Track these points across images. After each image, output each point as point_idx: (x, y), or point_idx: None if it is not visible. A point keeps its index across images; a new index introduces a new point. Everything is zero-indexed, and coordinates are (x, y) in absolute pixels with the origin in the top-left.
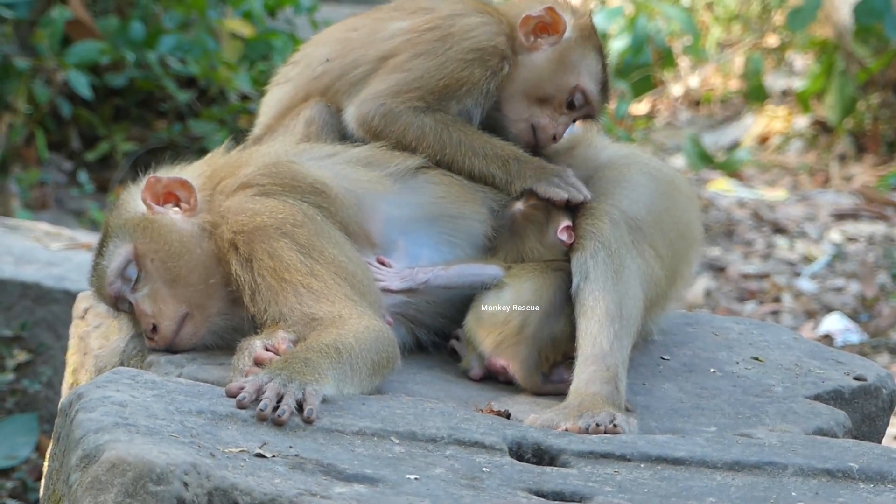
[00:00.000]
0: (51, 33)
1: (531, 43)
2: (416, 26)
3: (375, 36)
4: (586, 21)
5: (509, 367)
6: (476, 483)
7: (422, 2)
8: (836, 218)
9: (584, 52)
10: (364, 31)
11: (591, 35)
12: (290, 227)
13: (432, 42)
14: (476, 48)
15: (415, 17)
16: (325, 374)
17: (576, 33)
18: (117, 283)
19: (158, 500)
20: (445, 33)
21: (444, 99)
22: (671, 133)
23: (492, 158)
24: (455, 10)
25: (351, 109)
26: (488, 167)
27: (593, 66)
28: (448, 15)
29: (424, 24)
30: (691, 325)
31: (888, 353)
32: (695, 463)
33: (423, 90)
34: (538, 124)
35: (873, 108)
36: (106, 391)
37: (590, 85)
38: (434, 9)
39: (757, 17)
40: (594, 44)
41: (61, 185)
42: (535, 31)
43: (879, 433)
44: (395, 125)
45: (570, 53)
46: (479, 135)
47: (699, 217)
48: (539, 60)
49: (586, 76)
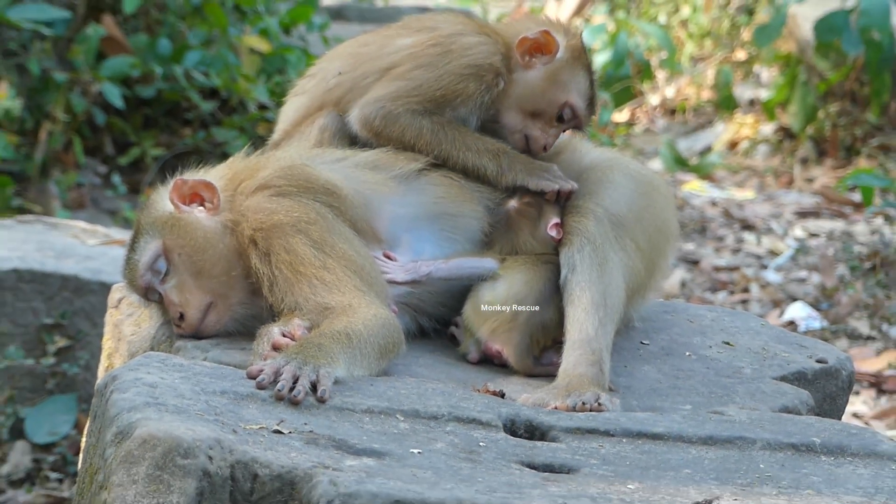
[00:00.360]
0: (86, 49)
1: (526, 62)
2: (419, 42)
3: (383, 51)
4: (577, 42)
5: (503, 351)
6: (473, 456)
7: (427, 21)
8: (799, 216)
9: (573, 71)
10: (373, 46)
11: (581, 55)
12: (305, 224)
13: (433, 56)
14: (473, 64)
15: (419, 35)
16: (336, 357)
17: (567, 54)
18: (148, 275)
19: (186, 472)
20: (446, 49)
21: (439, 106)
22: (649, 139)
23: (484, 153)
24: (456, 30)
25: (355, 111)
26: (481, 160)
27: (582, 84)
28: (449, 34)
29: (427, 41)
30: (668, 313)
31: (846, 339)
32: (672, 438)
33: (421, 97)
34: (531, 135)
35: (832, 116)
36: (138, 373)
37: (578, 101)
38: (437, 28)
39: (727, 33)
40: (584, 63)
41: (97, 187)
42: (531, 52)
43: (839, 411)
44: (394, 126)
45: (561, 73)
46: (472, 133)
47: (675, 215)
48: (533, 78)
49: (575, 93)
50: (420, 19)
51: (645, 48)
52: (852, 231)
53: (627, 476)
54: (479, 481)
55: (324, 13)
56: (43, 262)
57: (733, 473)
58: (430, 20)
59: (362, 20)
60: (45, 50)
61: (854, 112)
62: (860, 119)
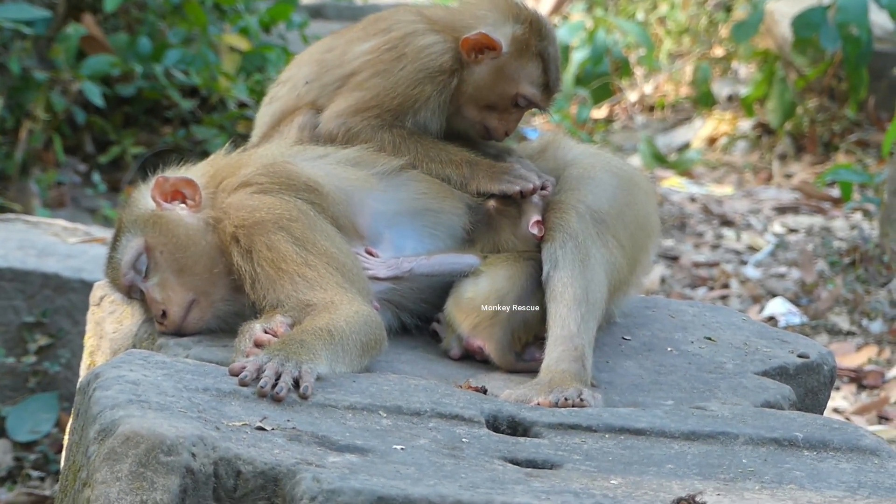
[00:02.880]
0: (66, 48)
1: (474, 59)
2: (376, 47)
3: (344, 58)
4: (525, 30)
5: (485, 346)
6: (456, 452)
7: (383, 23)
8: (778, 211)
9: (521, 62)
10: (336, 52)
11: (529, 43)
12: (286, 221)
13: (389, 62)
14: (425, 68)
15: (376, 38)
16: (319, 354)
17: (513, 47)
18: (130, 273)
19: (169, 469)
20: (400, 54)
21: (399, 115)
22: (628, 135)
23: (446, 164)
24: (409, 30)
25: (321, 125)
26: (444, 171)
27: (533, 73)
28: (403, 35)
29: (383, 45)
30: (650, 309)
31: (826, 334)
32: (654, 433)
33: (379, 108)
34: (489, 125)
35: (810, 112)
36: (120, 371)
37: (529, 90)
38: (392, 29)
39: (705, 30)
40: (534, 50)
41: (77, 186)
42: (475, 50)
43: (821, 405)
44: (356, 141)
45: (507, 66)
46: (433, 143)
47: (657, 211)
48: (481, 73)
49: (525, 83)
50: (378, 19)
51: (623, 45)
52: (831, 227)
53: (610, 471)
54: (462, 477)
55: (303, 11)
56: (24, 260)
57: (716, 468)
58: (386, 20)
59: (341, 18)
60: (26, 49)
61: (832, 108)
62: (838, 115)
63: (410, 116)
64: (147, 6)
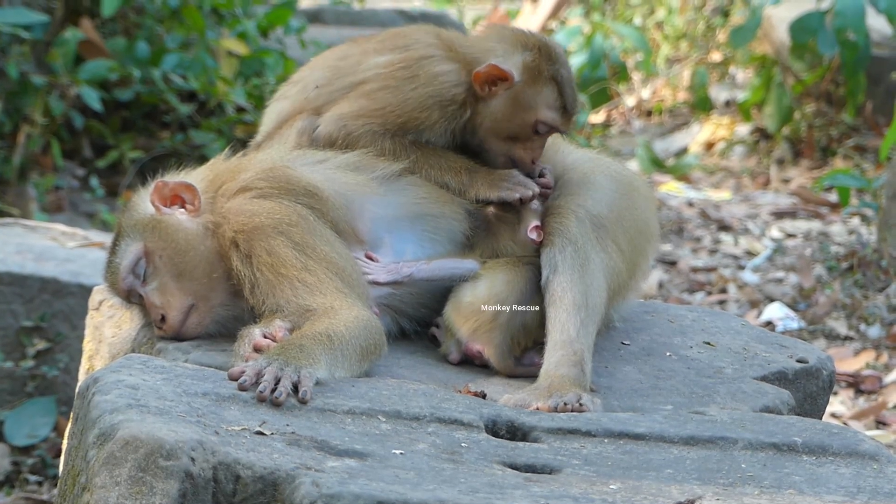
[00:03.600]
0: (64, 53)
1: (487, 93)
2: (391, 62)
3: (358, 67)
4: (535, 57)
5: (484, 351)
6: (455, 457)
7: (401, 39)
8: (776, 216)
9: (536, 89)
10: (351, 60)
11: (542, 69)
12: (286, 226)
13: (400, 80)
14: (435, 95)
15: (392, 54)
16: (318, 359)
17: (525, 75)
18: (129, 278)
19: (168, 473)
20: (413, 74)
21: (401, 130)
22: (625, 140)
23: (445, 170)
24: (426, 54)
25: (320, 126)
26: (443, 178)
27: (549, 97)
28: (419, 57)
29: (398, 62)
30: (649, 314)
31: (824, 339)
32: (653, 438)
33: (383, 119)
34: (515, 156)
35: (808, 117)
36: (119, 375)
37: (548, 115)
38: (410, 48)
39: (702, 35)
40: (547, 76)
41: (75, 190)
42: (488, 83)
43: (820, 410)
44: (355, 146)
45: (523, 95)
46: (433, 150)
47: (656, 215)
48: (498, 106)
49: (543, 109)
50: (397, 35)
51: (620, 50)
52: (829, 231)
53: (609, 476)
54: (462, 482)
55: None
56: (22, 264)
57: (715, 473)
58: (405, 37)
59: (339, 23)
60: (24, 53)
61: (830, 113)
62: (836, 120)
63: (413, 134)
64: (145, 11)
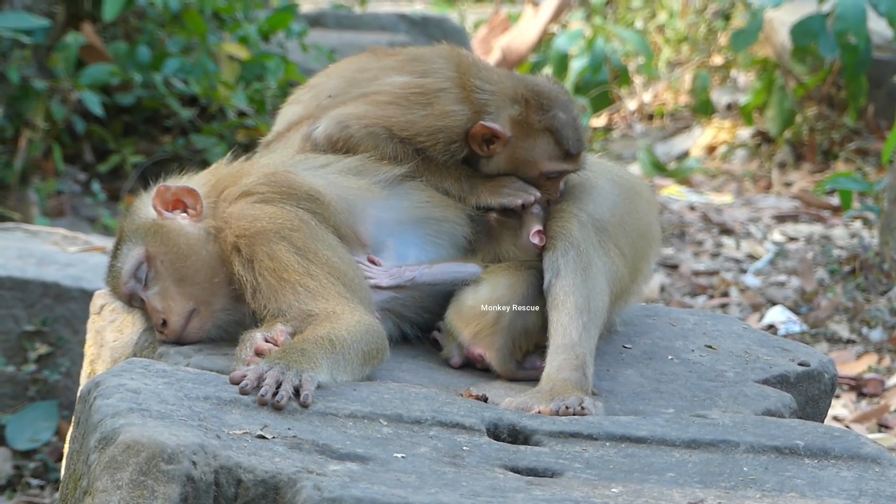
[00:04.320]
0: (66, 57)
1: (487, 151)
2: (407, 84)
3: (374, 82)
4: (521, 114)
5: (486, 355)
6: (457, 461)
7: (423, 64)
8: (778, 220)
9: (530, 143)
10: (368, 74)
11: (531, 120)
12: (288, 231)
13: (412, 103)
14: (444, 130)
15: (411, 77)
16: (319, 363)
17: (516, 130)
18: (131, 282)
19: (170, 477)
20: (427, 102)
21: (402, 141)
22: (627, 144)
23: (445, 177)
24: (443, 87)
25: (321, 125)
26: (443, 184)
27: (546, 148)
28: (436, 89)
29: (415, 87)
30: (651, 317)
31: (826, 342)
32: (655, 441)
33: (386, 126)
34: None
35: (810, 120)
36: (121, 379)
37: (550, 166)
38: (428, 74)
39: (703, 38)
40: (539, 127)
41: (76, 195)
42: (485, 142)
43: (822, 414)
44: (356, 149)
45: (518, 150)
46: (433, 158)
47: (658, 219)
48: (500, 163)
49: (543, 160)
50: (419, 58)
51: (622, 53)
52: (831, 235)
53: (611, 479)
54: (463, 485)
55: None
56: (24, 269)
57: (717, 476)
58: (426, 62)
59: (341, 27)
60: (25, 58)
61: (831, 116)
62: (837, 123)
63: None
64: (146, 15)
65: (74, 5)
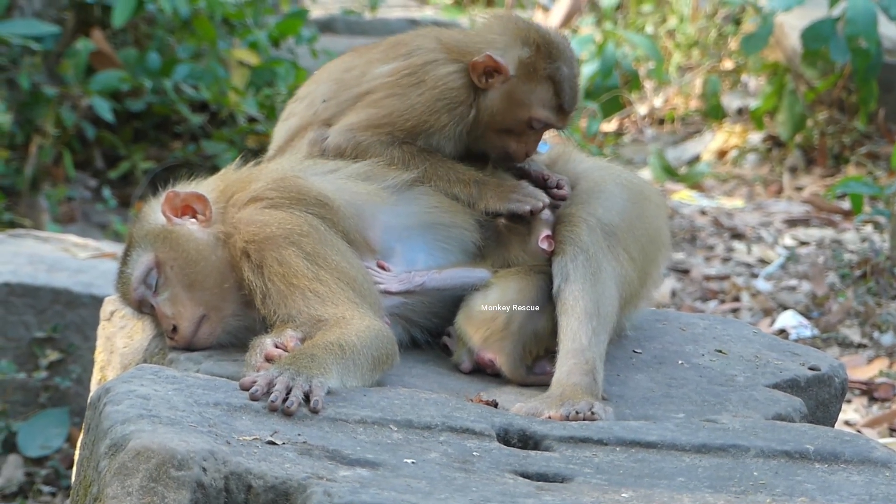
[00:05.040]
0: (76, 63)
1: (484, 84)
2: (395, 70)
3: (363, 78)
4: (531, 57)
5: (496, 360)
6: (467, 466)
7: (403, 47)
8: (789, 224)
9: (530, 86)
10: (356, 72)
11: (537, 66)
12: (297, 236)
13: (406, 87)
14: (443, 97)
15: (396, 62)
16: (329, 368)
17: (520, 70)
18: (140, 288)
19: (180, 484)
20: (419, 80)
21: (411, 135)
22: (638, 148)
23: (455, 183)
24: (429, 59)
25: (329, 138)
26: (452, 190)
27: (544, 95)
28: (423, 63)
29: (403, 69)
30: (661, 322)
31: (838, 347)
32: (665, 446)
33: (391, 126)
34: (510, 150)
35: (821, 124)
36: (131, 386)
37: (542, 113)
38: (413, 54)
39: (714, 43)
40: (544, 74)
41: (87, 201)
42: (485, 74)
43: (832, 418)
44: (364, 156)
45: (516, 90)
46: (443, 162)
47: (668, 224)
48: (493, 98)
49: (537, 106)
50: (399, 43)
51: (632, 58)
52: (842, 239)
53: (621, 484)
54: (474, 491)
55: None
56: (34, 275)
57: (727, 481)
58: (407, 45)
59: (350, 33)
60: (35, 65)
61: (842, 120)
62: (848, 127)
63: (422, 139)
64: (156, 21)
65: (84, 12)
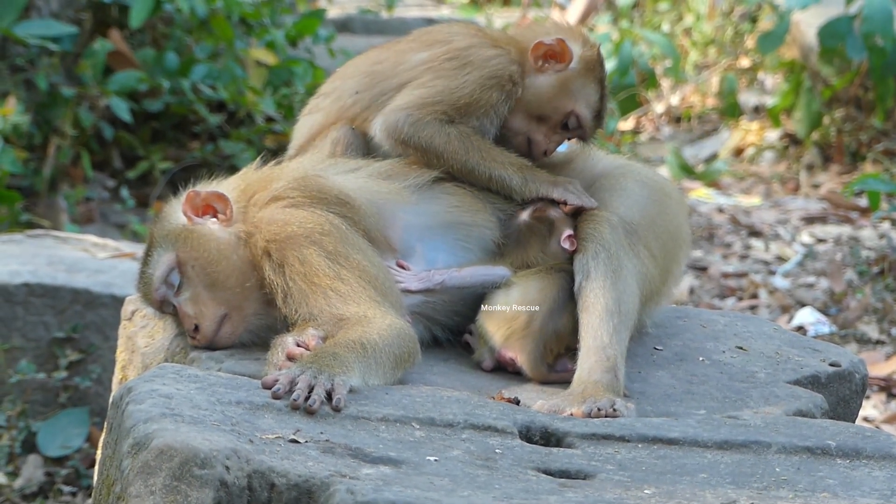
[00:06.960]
0: (94, 64)
1: (539, 66)
2: (435, 56)
3: (398, 68)
4: (593, 55)
5: (517, 358)
6: (490, 463)
7: (438, 35)
8: (806, 221)
9: (584, 82)
10: (388, 63)
11: (594, 68)
12: (318, 235)
13: (451, 70)
14: (494, 75)
15: (433, 49)
16: (351, 366)
17: (581, 65)
18: (162, 288)
19: (203, 482)
20: (465, 62)
21: (464, 115)
22: (655, 147)
23: (508, 165)
24: (471, 43)
25: (379, 120)
26: (506, 171)
27: (591, 96)
28: (465, 46)
29: (443, 55)
30: (681, 319)
31: (856, 343)
32: (687, 443)
33: (445, 104)
34: (533, 139)
35: (837, 122)
36: (153, 385)
37: (584, 111)
38: (451, 41)
39: (730, 41)
40: (596, 76)
41: (105, 201)
42: (545, 57)
43: (853, 414)
44: (423, 132)
45: (571, 82)
46: (494, 146)
47: (688, 221)
48: (543, 83)
49: (583, 103)
50: (431, 33)
51: (649, 57)
52: (859, 236)
53: (643, 481)
54: (496, 488)
55: (330, 25)
56: (54, 276)
57: (749, 477)
58: (441, 33)
59: (368, 32)
60: (53, 65)
61: (859, 117)
62: (865, 124)
63: (475, 119)
64: (174, 21)
65: (102, 12)
